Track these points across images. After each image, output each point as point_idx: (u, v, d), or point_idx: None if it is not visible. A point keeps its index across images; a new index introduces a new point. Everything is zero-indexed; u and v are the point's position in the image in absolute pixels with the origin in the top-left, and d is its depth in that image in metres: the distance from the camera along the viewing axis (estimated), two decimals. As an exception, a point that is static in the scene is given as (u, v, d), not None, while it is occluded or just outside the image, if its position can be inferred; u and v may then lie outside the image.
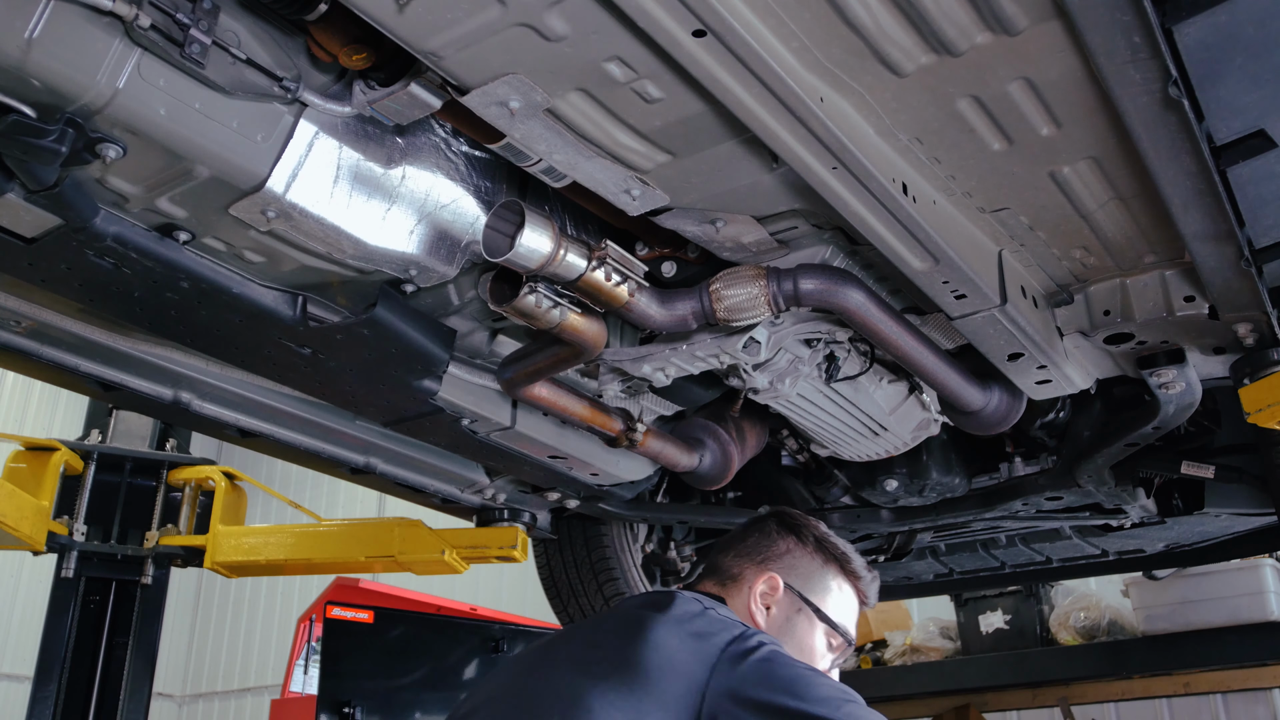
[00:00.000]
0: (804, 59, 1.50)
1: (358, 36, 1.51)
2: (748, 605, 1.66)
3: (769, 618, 1.65)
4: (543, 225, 1.70)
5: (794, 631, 1.65)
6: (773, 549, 1.72)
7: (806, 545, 1.73)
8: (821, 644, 1.68)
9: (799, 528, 1.75)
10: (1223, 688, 4.97)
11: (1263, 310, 2.03)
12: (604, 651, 1.45)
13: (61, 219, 1.60)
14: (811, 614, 1.67)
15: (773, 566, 1.69)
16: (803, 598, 1.68)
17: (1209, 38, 1.37)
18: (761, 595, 1.67)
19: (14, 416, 11.14)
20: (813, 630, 1.67)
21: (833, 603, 1.71)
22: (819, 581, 1.71)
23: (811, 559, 1.72)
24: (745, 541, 1.75)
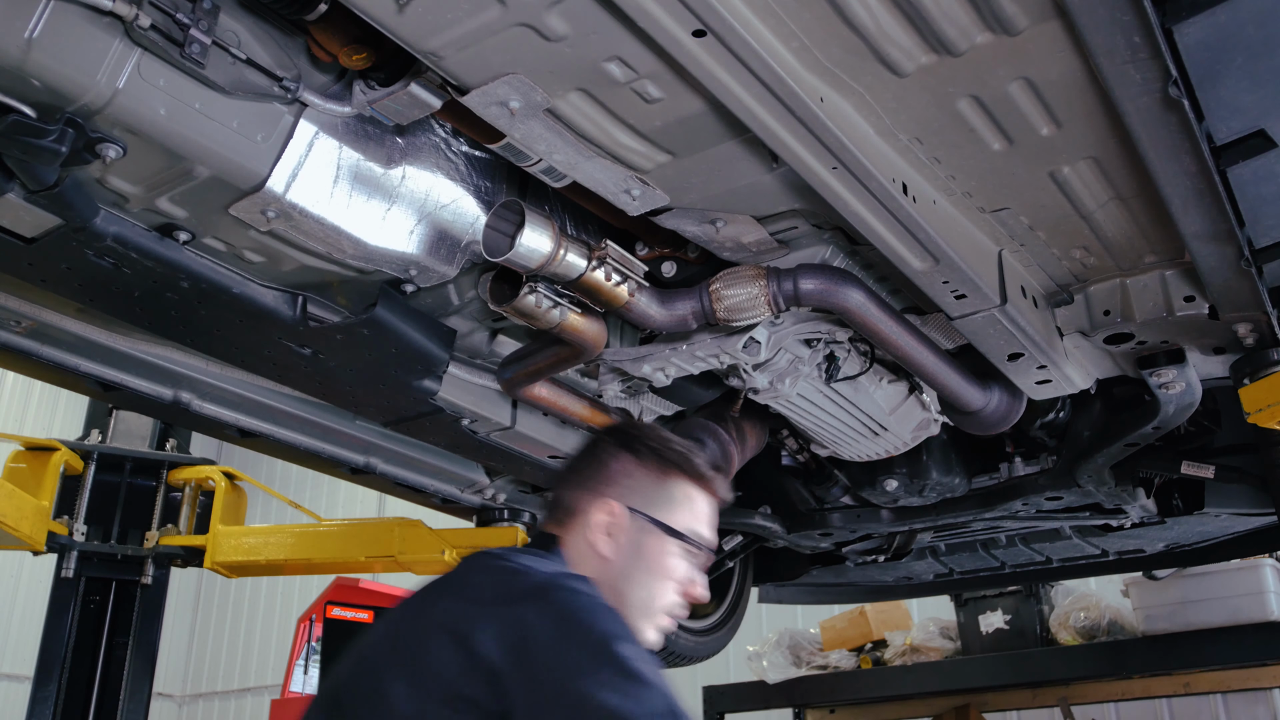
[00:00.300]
0: (804, 59, 1.50)
1: (358, 36, 1.51)
2: (589, 540, 1.51)
3: (617, 548, 1.50)
4: (543, 225, 1.70)
5: (645, 555, 1.51)
6: (607, 472, 1.54)
7: (643, 459, 1.56)
8: (677, 561, 1.54)
9: (631, 441, 1.58)
10: (1223, 688, 4.97)
11: (1263, 310, 2.03)
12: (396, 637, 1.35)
13: (61, 219, 1.60)
14: (661, 533, 1.52)
15: (610, 491, 1.52)
16: (648, 518, 1.52)
17: (1209, 38, 1.37)
18: (603, 526, 1.51)
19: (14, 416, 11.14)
20: (666, 549, 1.53)
21: (682, 514, 1.55)
22: (663, 495, 1.55)
23: (650, 473, 1.55)
24: (579, 469, 1.58)
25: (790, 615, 7.45)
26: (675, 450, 1.58)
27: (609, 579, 1.46)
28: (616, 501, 1.51)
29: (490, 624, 1.25)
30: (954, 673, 5.33)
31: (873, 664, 5.71)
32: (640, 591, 1.49)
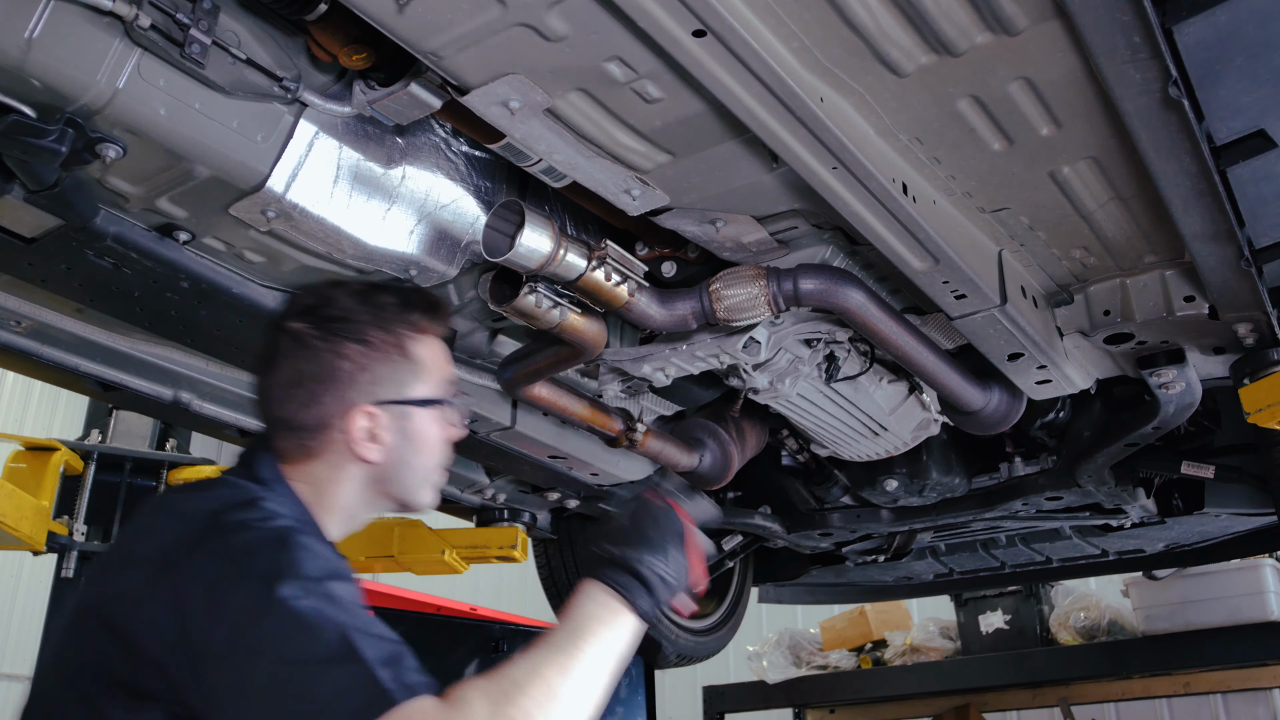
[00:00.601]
0: (804, 59, 1.50)
1: (358, 36, 1.51)
2: (353, 454, 1.35)
3: (384, 447, 1.36)
4: (543, 225, 1.70)
5: (414, 438, 1.39)
6: (340, 374, 1.34)
7: (372, 344, 1.36)
8: (442, 422, 1.43)
9: (346, 329, 1.36)
10: (1223, 688, 4.97)
11: (1263, 310, 2.03)
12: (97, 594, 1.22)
13: (61, 219, 1.60)
14: (422, 410, 1.40)
15: (353, 395, 1.34)
16: (406, 402, 1.38)
17: (1209, 38, 1.37)
18: (364, 434, 1.35)
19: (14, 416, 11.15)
20: (430, 423, 1.41)
21: (428, 372, 1.41)
22: (407, 369, 1.39)
23: (386, 355, 1.37)
24: (298, 379, 1.34)
25: (790, 615, 7.45)
26: (389, 313, 1.40)
27: (377, 480, 1.37)
28: (365, 403, 1.34)
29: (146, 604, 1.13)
30: (954, 673, 5.33)
31: (873, 664, 5.71)
32: (416, 472, 1.41)
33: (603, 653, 1.24)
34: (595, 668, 1.22)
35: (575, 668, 1.20)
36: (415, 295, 1.45)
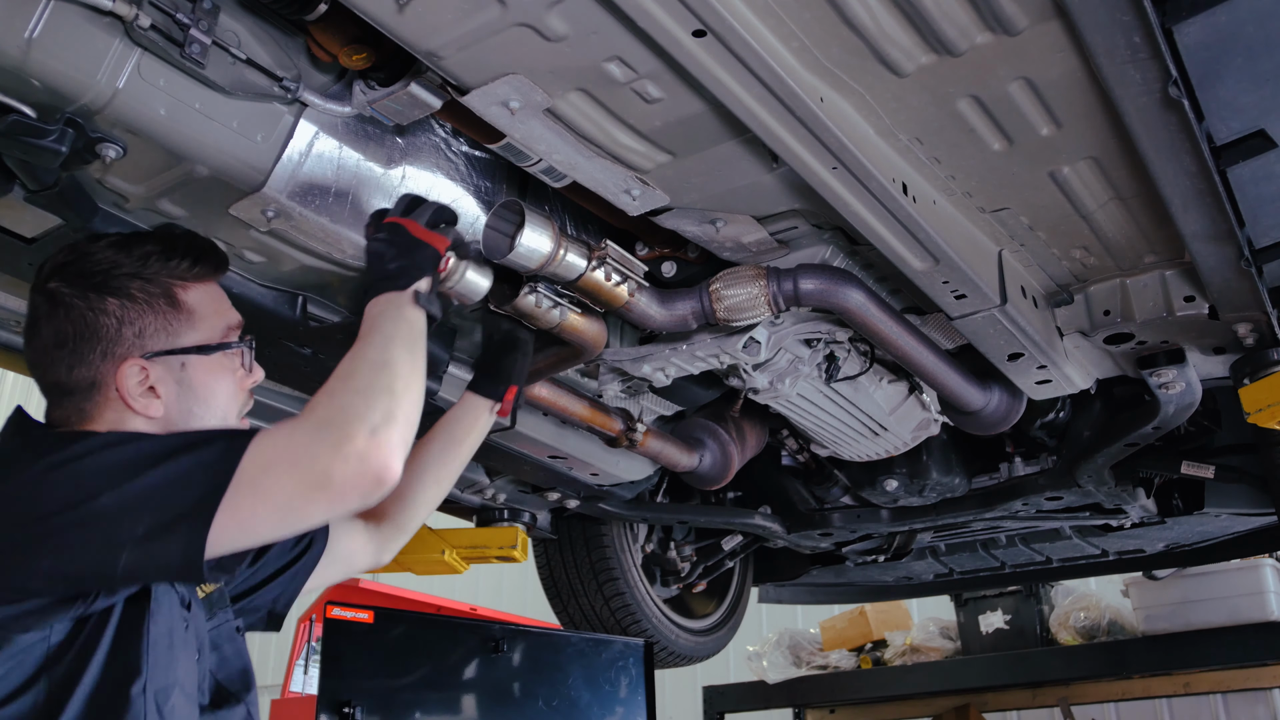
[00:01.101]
0: (804, 59, 1.50)
1: (358, 36, 1.51)
2: (132, 411, 1.33)
3: (165, 401, 1.34)
4: (543, 225, 1.70)
5: (196, 387, 1.37)
6: (104, 332, 1.32)
7: (133, 298, 1.34)
8: (226, 367, 1.41)
9: (103, 283, 1.34)
10: (1223, 688, 4.97)
11: (1263, 310, 2.03)
12: None
13: (61, 219, 1.60)
14: (197, 357, 1.37)
15: (122, 350, 1.32)
16: (178, 352, 1.36)
17: (1209, 38, 1.37)
18: (137, 389, 1.33)
19: (14, 417, 11.14)
20: (210, 369, 1.39)
21: (203, 319, 1.40)
22: (176, 318, 1.37)
23: (149, 305, 1.35)
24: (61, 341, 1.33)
25: (790, 615, 7.45)
26: (155, 262, 1.37)
27: (170, 430, 1.34)
28: (136, 357, 1.33)
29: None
30: (954, 673, 5.34)
31: (873, 664, 5.72)
32: (214, 418, 1.39)
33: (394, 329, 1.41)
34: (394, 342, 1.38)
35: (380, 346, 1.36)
36: (180, 241, 1.43)
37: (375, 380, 1.28)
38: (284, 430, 1.22)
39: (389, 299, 1.46)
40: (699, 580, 3.79)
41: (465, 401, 1.84)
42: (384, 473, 1.20)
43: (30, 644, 1.18)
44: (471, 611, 6.47)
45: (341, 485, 1.18)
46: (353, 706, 3.00)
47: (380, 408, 1.24)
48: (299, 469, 1.18)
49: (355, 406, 1.23)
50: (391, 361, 1.33)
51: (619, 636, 3.67)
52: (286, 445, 1.20)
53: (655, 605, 3.67)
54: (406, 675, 3.26)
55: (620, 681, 3.85)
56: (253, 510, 1.17)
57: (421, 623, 3.49)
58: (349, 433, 1.19)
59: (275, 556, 1.63)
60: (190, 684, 1.30)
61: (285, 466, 1.18)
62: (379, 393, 1.26)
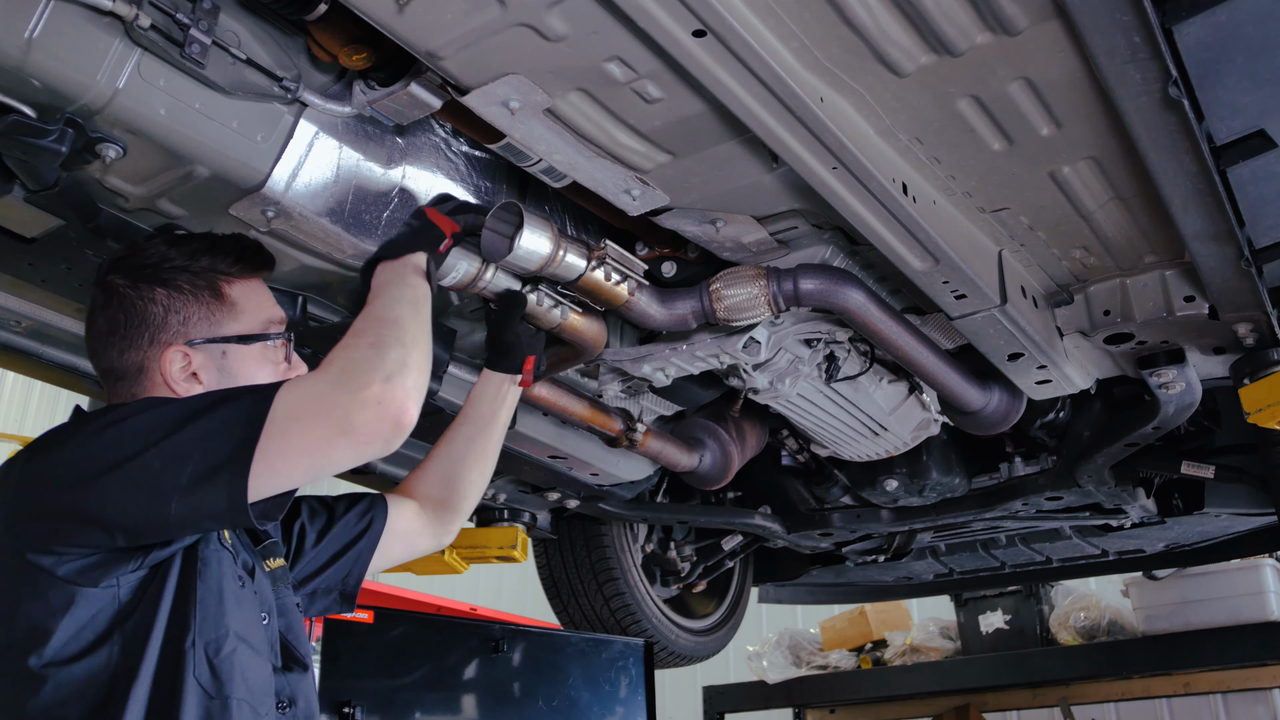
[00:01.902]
0: (804, 59, 1.50)
1: (358, 36, 1.51)
2: (174, 395, 1.41)
3: (207, 388, 1.43)
4: (542, 227, 1.70)
5: (238, 376, 1.45)
6: (151, 319, 1.42)
7: (178, 288, 1.44)
8: (269, 359, 1.49)
9: (152, 275, 1.44)
10: (1223, 688, 4.97)
11: (1263, 310, 2.03)
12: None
13: (61, 219, 1.60)
14: (238, 346, 1.46)
15: (167, 338, 1.42)
16: (221, 340, 1.45)
17: (1209, 38, 1.37)
18: (180, 374, 1.42)
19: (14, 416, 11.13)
20: (249, 359, 1.47)
21: (245, 312, 1.48)
22: (222, 309, 1.46)
23: (195, 296, 1.44)
24: (113, 331, 1.44)
25: (790, 615, 7.46)
26: (203, 258, 1.47)
27: None
28: (179, 343, 1.43)
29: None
30: (954, 673, 5.34)
31: (873, 664, 5.72)
32: None
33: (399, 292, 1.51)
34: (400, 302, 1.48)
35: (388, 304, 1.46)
36: (228, 240, 1.52)
37: (385, 334, 1.38)
38: (306, 381, 1.31)
39: (390, 267, 1.58)
40: (699, 580, 3.79)
41: (486, 379, 1.87)
42: (401, 415, 1.29)
43: (102, 602, 1.26)
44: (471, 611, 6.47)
45: (363, 429, 1.27)
46: (353, 706, 3.00)
47: (393, 357, 1.33)
48: (323, 416, 1.26)
49: (369, 358, 1.33)
50: (400, 318, 1.43)
51: (619, 636, 3.67)
52: (310, 395, 1.29)
53: (655, 605, 3.67)
54: (406, 675, 3.26)
55: (620, 681, 3.85)
56: (284, 455, 1.25)
57: (421, 623, 3.49)
58: (366, 380, 1.29)
59: (337, 537, 1.72)
60: (256, 639, 1.38)
61: (310, 415, 1.26)
62: (390, 344, 1.36)
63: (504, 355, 1.86)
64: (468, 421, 1.85)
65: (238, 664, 1.32)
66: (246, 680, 1.32)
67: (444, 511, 1.82)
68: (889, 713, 5.77)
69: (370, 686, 3.11)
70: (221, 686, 1.29)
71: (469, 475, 1.83)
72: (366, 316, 1.46)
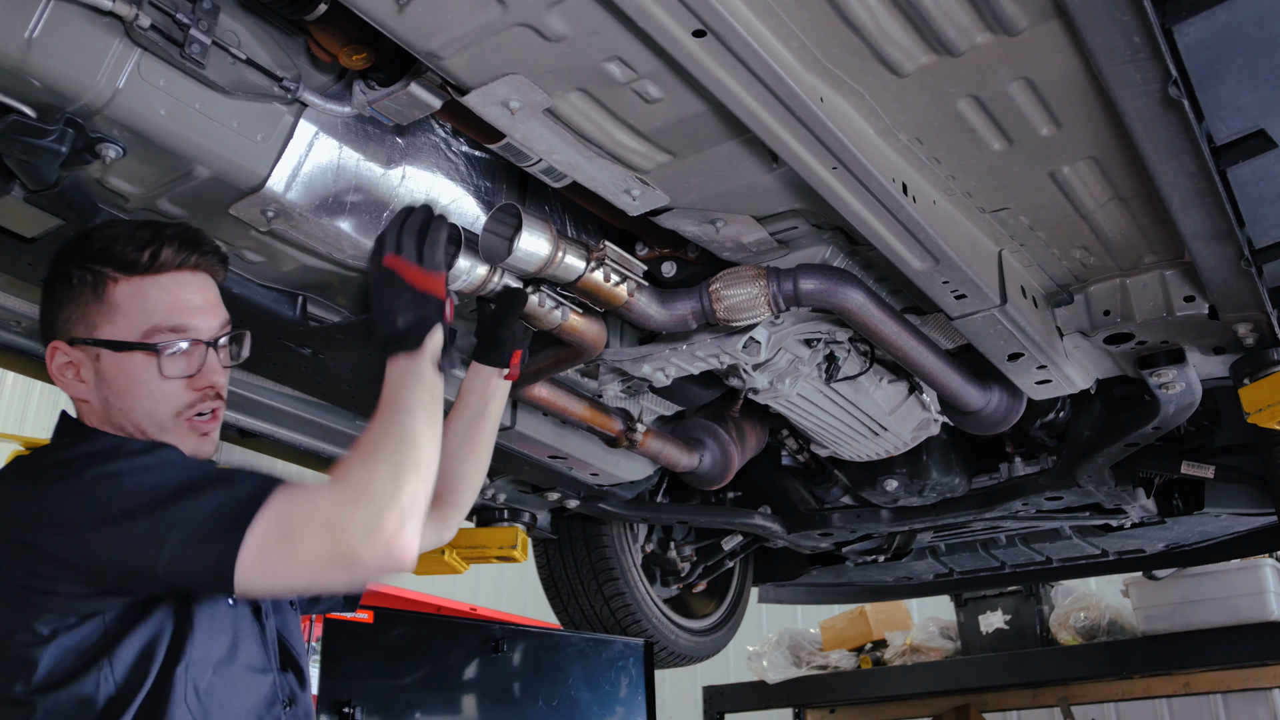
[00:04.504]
0: (804, 59, 1.50)
1: (358, 36, 1.51)
2: (66, 392, 1.40)
3: (89, 386, 1.38)
4: (540, 228, 1.70)
5: (112, 382, 1.37)
6: (45, 310, 1.41)
7: (70, 282, 1.38)
8: (146, 368, 1.38)
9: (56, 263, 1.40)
10: (1223, 688, 4.96)
11: (1263, 310, 2.03)
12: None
13: (61, 219, 1.60)
14: (110, 352, 1.37)
15: (55, 331, 1.39)
16: (92, 342, 1.37)
17: (1209, 38, 1.37)
18: (61, 370, 1.39)
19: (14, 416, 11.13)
20: (126, 366, 1.37)
21: (127, 317, 1.37)
22: (101, 310, 1.37)
23: (81, 294, 1.38)
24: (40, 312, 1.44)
25: (790, 615, 7.45)
26: (94, 252, 1.38)
27: (106, 419, 1.40)
28: (60, 340, 1.39)
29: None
30: (954, 673, 5.33)
31: (873, 664, 5.71)
32: (136, 415, 1.39)
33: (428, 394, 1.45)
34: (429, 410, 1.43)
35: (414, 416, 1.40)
36: (138, 232, 1.40)
37: (404, 457, 1.33)
38: (319, 494, 1.27)
39: (406, 363, 1.48)
40: (699, 580, 3.79)
41: (474, 373, 1.86)
42: (405, 560, 1.27)
43: (88, 628, 1.25)
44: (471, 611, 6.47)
45: (366, 566, 1.24)
46: (353, 706, 3.00)
47: (408, 490, 1.29)
48: (331, 538, 1.23)
49: (387, 489, 1.28)
50: (416, 437, 1.37)
51: (619, 636, 3.67)
52: (322, 510, 1.25)
53: (655, 605, 3.67)
54: (406, 675, 3.26)
55: (620, 681, 3.85)
56: (284, 562, 1.23)
57: (421, 623, 3.49)
58: (380, 517, 1.25)
59: None
60: (252, 652, 1.39)
61: (319, 530, 1.23)
62: (408, 473, 1.31)
63: (493, 349, 1.84)
64: (460, 416, 1.84)
65: (228, 688, 1.33)
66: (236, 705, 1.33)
67: (444, 508, 1.81)
68: (889, 713, 5.77)
69: (370, 686, 3.11)
70: (208, 715, 1.29)
71: (465, 470, 1.83)
72: (387, 426, 1.38)
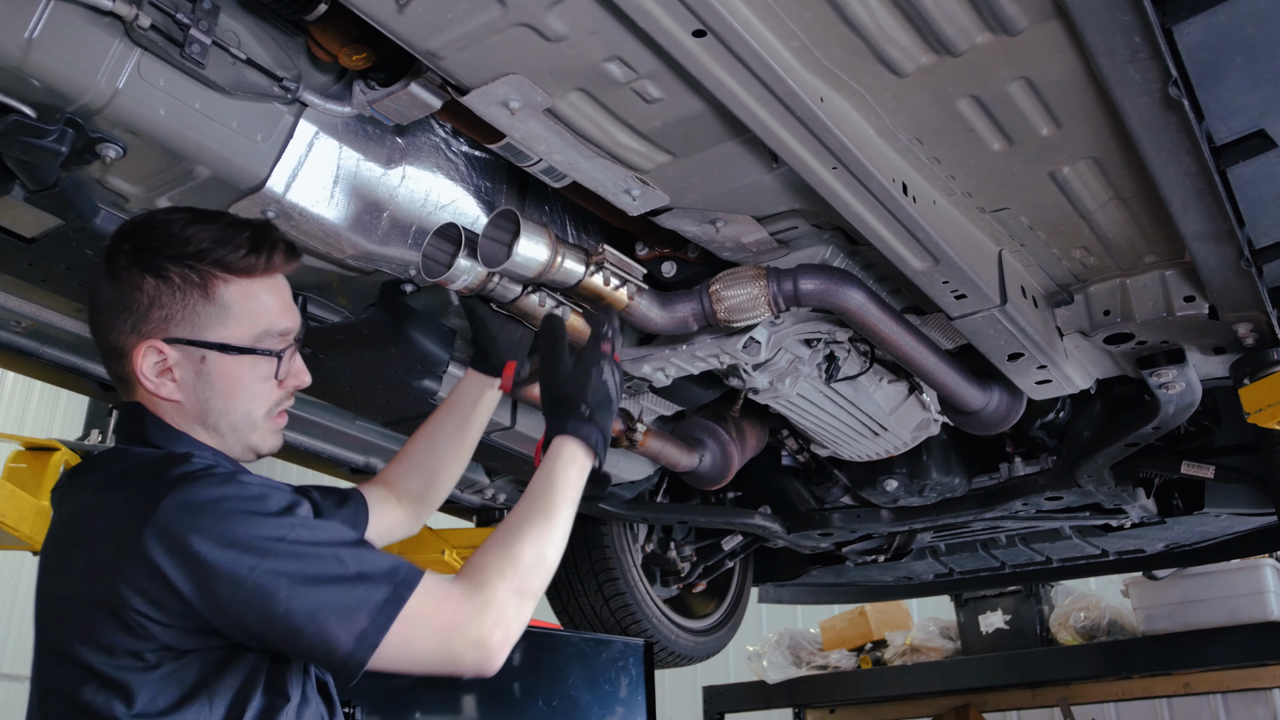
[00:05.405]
0: (804, 59, 1.50)
1: (358, 36, 1.51)
2: (150, 390, 1.33)
3: (183, 387, 1.33)
4: (539, 233, 1.69)
5: (215, 381, 1.33)
6: (136, 307, 1.32)
7: (167, 279, 1.32)
8: (253, 370, 1.36)
9: (147, 259, 1.32)
10: (1223, 688, 4.96)
11: (1263, 310, 2.03)
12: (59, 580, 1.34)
13: (61, 219, 1.60)
14: (219, 355, 1.33)
15: (146, 329, 1.32)
16: (199, 344, 1.32)
17: (1209, 38, 1.37)
18: (153, 370, 1.32)
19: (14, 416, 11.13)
20: (234, 369, 1.34)
21: (239, 319, 1.34)
22: (209, 310, 1.33)
23: (184, 292, 1.32)
24: (101, 305, 1.35)
25: (790, 615, 7.45)
26: (202, 251, 1.33)
27: (191, 418, 1.34)
28: (156, 339, 1.32)
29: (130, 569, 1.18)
30: (954, 673, 5.33)
31: (873, 664, 5.71)
32: (231, 417, 1.35)
33: (573, 506, 1.45)
34: (569, 521, 1.44)
35: (558, 529, 1.40)
36: (240, 230, 1.37)
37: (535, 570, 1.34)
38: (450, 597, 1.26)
39: (577, 452, 1.50)
40: (699, 580, 3.79)
41: (468, 378, 1.87)
42: (490, 671, 1.27)
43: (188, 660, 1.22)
44: (471, 611, 6.47)
45: (464, 668, 1.26)
46: (353, 706, 3.00)
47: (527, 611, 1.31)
48: (444, 643, 1.24)
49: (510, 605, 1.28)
50: (561, 536, 1.40)
51: (619, 636, 3.67)
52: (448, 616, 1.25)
53: (655, 605, 3.67)
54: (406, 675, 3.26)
55: (620, 681, 3.85)
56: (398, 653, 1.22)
57: (421, 623, 3.48)
58: (492, 632, 1.26)
59: None
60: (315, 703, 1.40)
61: (437, 632, 1.24)
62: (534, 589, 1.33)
63: (487, 357, 1.86)
64: (449, 419, 1.85)
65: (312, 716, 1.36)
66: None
67: (420, 505, 1.83)
68: (889, 713, 5.77)
69: (370, 686, 3.11)
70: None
71: (448, 472, 1.85)
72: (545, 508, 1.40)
